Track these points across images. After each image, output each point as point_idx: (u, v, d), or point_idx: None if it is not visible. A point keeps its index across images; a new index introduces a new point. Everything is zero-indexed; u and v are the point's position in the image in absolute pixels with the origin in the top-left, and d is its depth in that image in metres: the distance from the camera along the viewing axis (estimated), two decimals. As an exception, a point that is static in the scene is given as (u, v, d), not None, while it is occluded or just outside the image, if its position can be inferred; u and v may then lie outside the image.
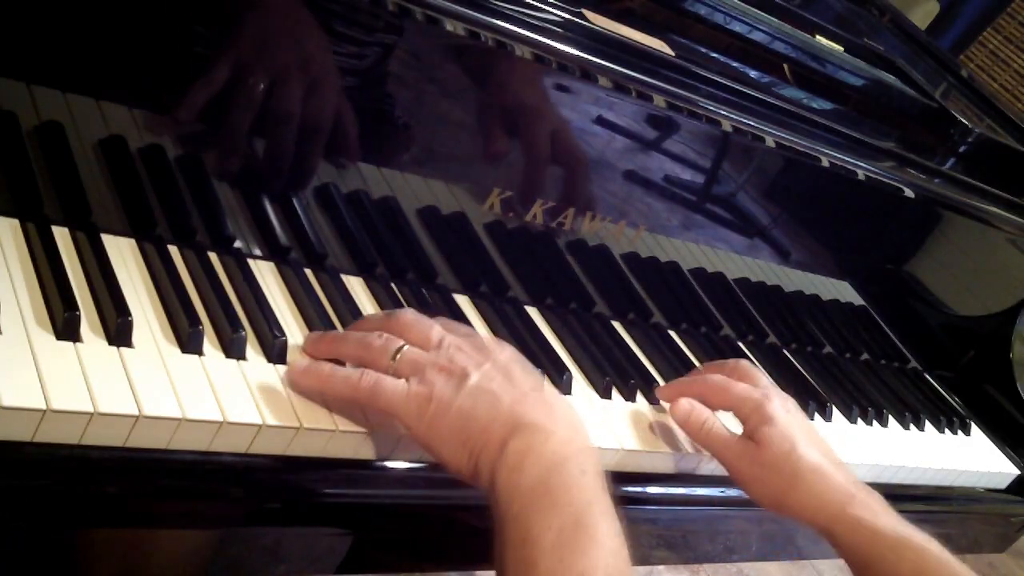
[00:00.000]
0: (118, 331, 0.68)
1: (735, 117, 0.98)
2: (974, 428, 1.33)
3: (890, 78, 1.35)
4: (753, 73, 1.14)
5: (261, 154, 0.79)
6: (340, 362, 0.75)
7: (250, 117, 0.77)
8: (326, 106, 0.79)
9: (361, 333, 0.75)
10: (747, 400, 0.89)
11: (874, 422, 1.18)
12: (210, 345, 0.72)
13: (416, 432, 0.70)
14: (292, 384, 0.72)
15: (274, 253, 0.85)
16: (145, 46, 0.72)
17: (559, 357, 0.94)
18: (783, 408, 0.88)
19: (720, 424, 0.88)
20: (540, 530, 0.64)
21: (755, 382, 0.92)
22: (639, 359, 1.03)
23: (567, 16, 0.89)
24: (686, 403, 0.89)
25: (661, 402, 0.96)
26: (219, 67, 0.73)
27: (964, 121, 1.33)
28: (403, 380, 0.70)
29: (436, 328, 0.75)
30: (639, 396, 0.96)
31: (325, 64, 0.78)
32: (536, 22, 0.85)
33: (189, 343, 0.71)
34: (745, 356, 1.16)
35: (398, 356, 0.72)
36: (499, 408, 0.69)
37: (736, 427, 0.90)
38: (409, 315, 0.76)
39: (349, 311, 0.84)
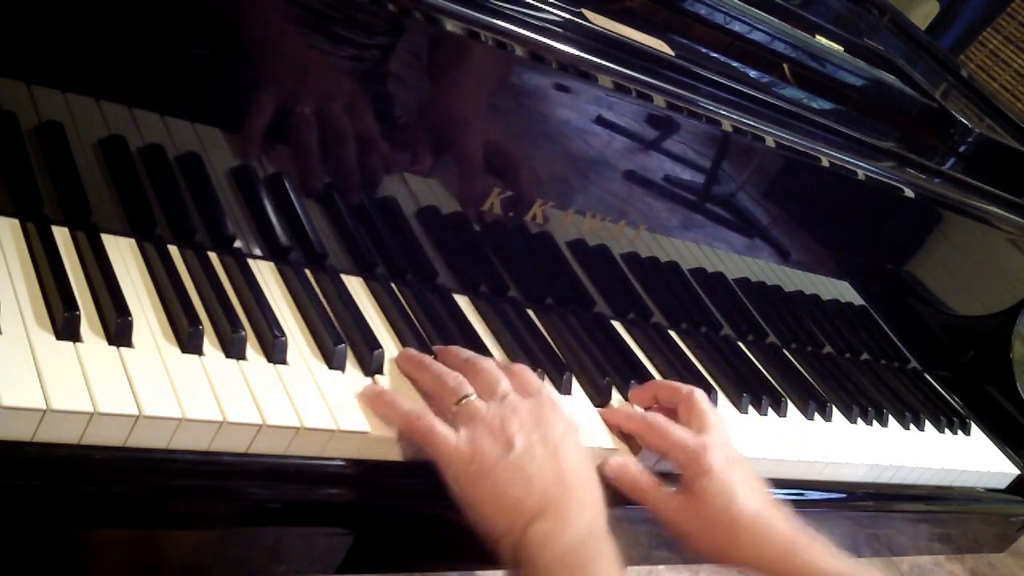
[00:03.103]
0: (118, 331, 0.68)
1: (735, 117, 0.98)
2: (974, 428, 1.33)
3: (890, 78, 1.35)
4: (753, 73, 1.14)
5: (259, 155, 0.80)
6: None
7: (243, 118, 0.77)
8: (344, 113, 0.81)
9: (441, 369, 0.80)
10: (684, 449, 0.86)
11: (874, 422, 1.18)
12: (210, 345, 0.72)
13: (452, 486, 0.73)
14: (362, 399, 0.76)
15: (274, 253, 0.85)
16: (145, 46, 0.72)
17: (559, 357, 0.94)
18: (720, 458, 0.85)
19: (654, 481, 0.86)
20: None
21: (702, 421, 0.89)
22: (639, 359, 1.03)
23: (567, 16, 0.89)
24: (616, 463, 0.86)
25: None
26: (211, 68, 0.73)
27: (964, 121, 1.33)
28: (453, 433, 0.74)
29: (504, 382, 0.79)
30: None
31: (331, 66, 0.78)
32: (536, 22, 0.85)
33: (189, 343, 0.71)
34: (745, 356, 1.16)
35: (463, 402, 0.76)
36: (528, 493, 0.73)
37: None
38: (484, 363, 0.81)
39: (349, 311, 0.84)
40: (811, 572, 0.82)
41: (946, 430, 1.28)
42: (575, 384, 0.92)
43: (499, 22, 0.82)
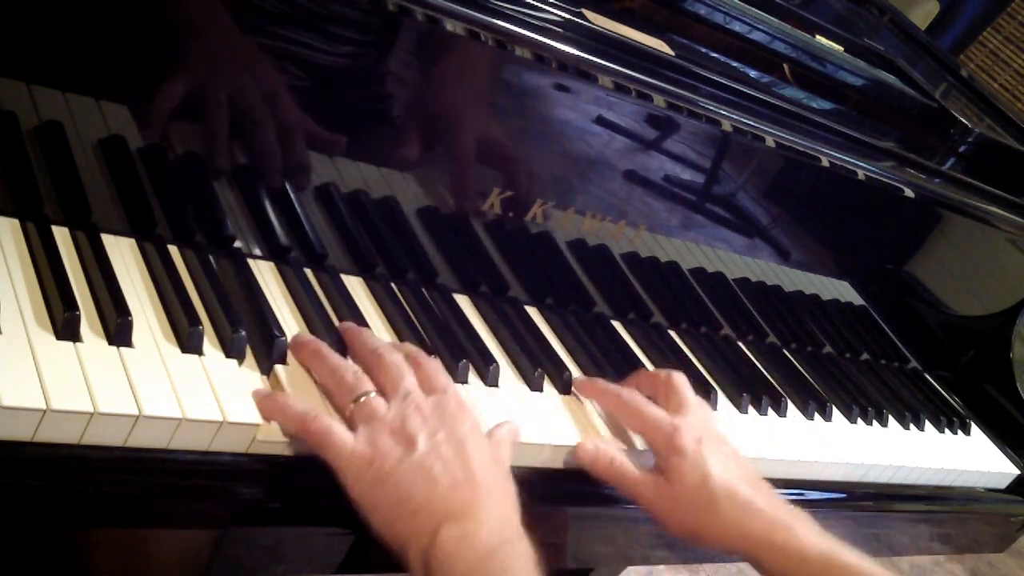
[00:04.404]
0: (118, 331, 0.68)
1: (735, 117, 0.98)
2: (974, 428, 1.33)
3: (890, 78, 1.35)
4: (753, 73, 1.14)
5: (259, 155, 0.80)
6: None
7: (243, 119, 0.77)
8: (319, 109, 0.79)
9: (338, 362, 0.74)
10: (658, 429, 0.84)
11: (874, 422, 1.18)
12: (210, 345, 0.72)
13: (351, 492, 0.69)
14: (256, 406, 0.70)
15: (274, 253, 0.85)
16: (145, 46, 0.71)
17: (559, 357, 0.94)
18: (694, 437, 0.84)
19: (628, 463, 0.84)
20: None
21: (679, 402, 0.88)
22: (639, 359, 1.03)
23: (567, 16, 0.89)
24: (589, 446, 0.84)
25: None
26: (211, 68, 0.73)
27: (964, 121, 1.33)
28: (351, 436, 0.69)
29: (408, 379, 0.74)
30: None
31: (315, 66, 0.78)
32: (536, 22, 0.85)
33: (189, 343, 0.71)
34: (745, 356, 1.16)
35: (361, 400, 0.72)
36: (434, 494, 0.68)
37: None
38: (391, 357, 0.75)
39: (349, 311, 0.84)
40: (792, 549, 0.80)
41: (946, 430, 1.28)
42: (575, 384, 0.92)
43: (499, 22, 0.82)
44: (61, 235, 0.74)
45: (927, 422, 1.26)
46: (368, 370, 0.75)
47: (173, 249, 0.79)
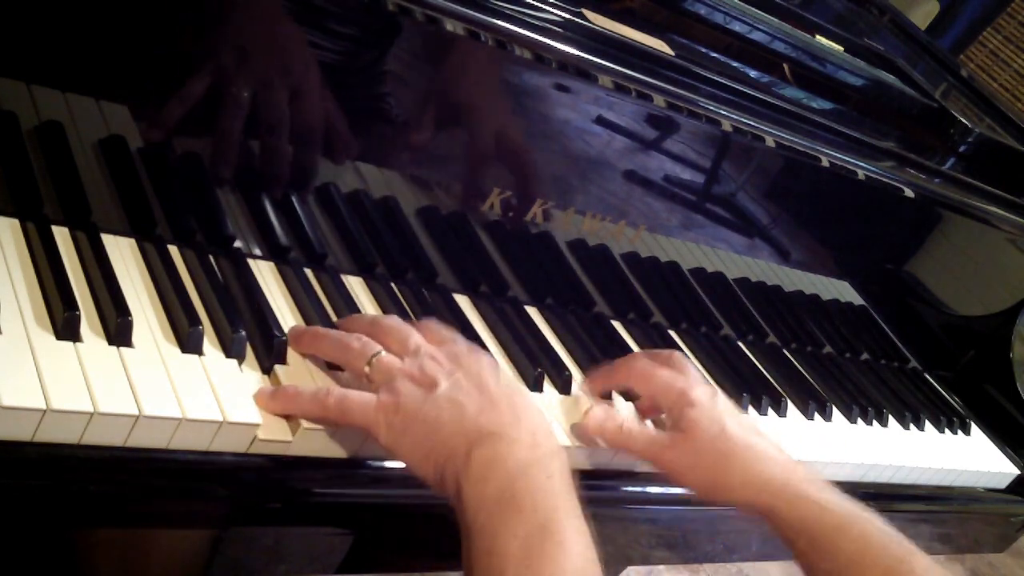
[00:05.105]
0: (118, 331, 0.68)
1: (735, 117, 0.98)
2: (974, 428, 1.33)
3: (890, 78, 1.35)
4: (753, 73, 1.14)
5: (259, 155, 0.80)
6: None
7: (243, 118, 0.77)
8: (317, 108, 0.79)
9: (340, 333, 0.75)
10: (671, 388, 0.85)
11: (874, 422, 1.18)
12: (210, 345, 0.72)
13: (385, 442, 0.69)
14: (264, 408, 0.70)
15: (274, 253, 0.85)
16: (145, 46, 0.72)
17: (559, 357, 0.94)
18: (708, 393, 0.85)
19: (638, 422, 0.86)
20: (506, 539, 0.64)
21: (683, 369, 0.88)
22: (639, 359, 1.03)
23: (567, 16, 0.89)
24: (599, 411, 0.85)
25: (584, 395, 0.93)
26: (211, 68, 0.73)
27: (964, 121, 1.33)
28: (371, 394, 0.70)
29: (415, 336, 0.75)
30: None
31: (315, 66, 0.78)
32: (536, 22, 0.85)
33: (189, 343, 0.71)
34: (745, 356, 1.16)
35: (373, 361, 0.72)
36: (464, 418, 0.69)
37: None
38: (390, 321, 0.77)
39: (349, 311, 0.84)
40: (811, 500, 0.80)
41: (946, 430, 1.28)
42: (575, 384, 0.92)
43: (499, 22, 0.82)
44: (61, 235, 0.74)
45: (927, 422, 1.26)
46: (372, 338, 0.75)
47: (173, 249, 0.79)
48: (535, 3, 0.87)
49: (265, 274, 0.84)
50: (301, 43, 0.76)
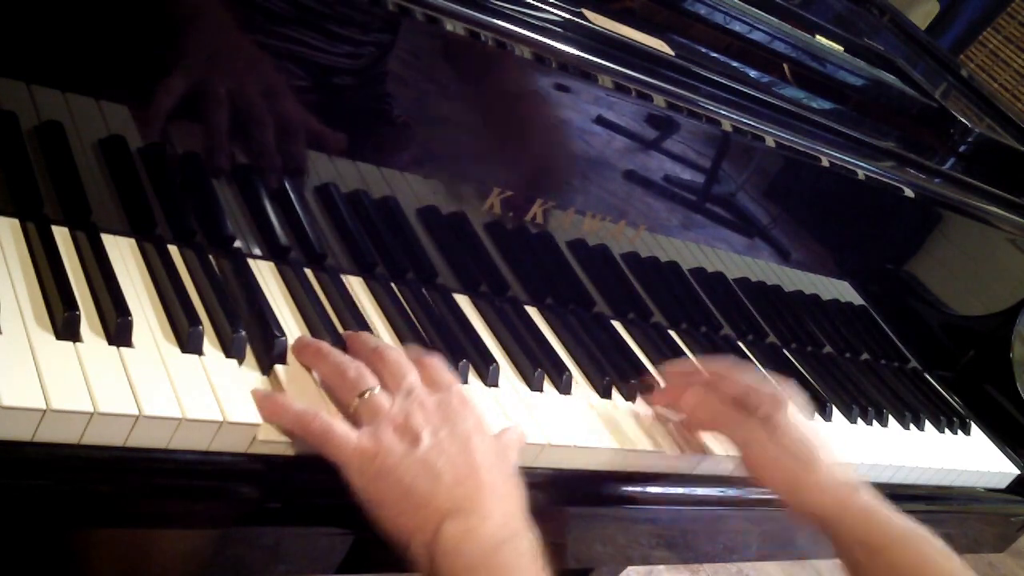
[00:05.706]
0: (118, 331, 0.68)
1: (735, 117, 0.98)
2: (974, 428, 1.33)
3: (890, 78, 1.35)
4: (753, 73, 1.14)
5: (258, 155, 0.80)
6: None
7: (242, 118, 0.77)
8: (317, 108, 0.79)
9: (341, 359, 0.74)
10: (759, 388, 0.90)
11: (874, 422, 1.18)
12: (210, 345, 0.72)
13: (354, 484, 0.68)
14: (256, 404, 0.70)
15: (274, 253, 0.85)
16: (145, 46, 0.72)
17: (559, 357, 0.94)
18: (789, 400, 0.91)
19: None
20: None
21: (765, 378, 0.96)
22: (639, 359, 1.03)
23: (567, 16, 0.89)
24: (690, 397, 0.92)
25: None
26: (211, 68, 0.73)
27: (964, 121, 1.33)
28: (354, 432, 0.69)
29: (411, 376, 0.74)
30: (639, 396, 0.96)
31: (314, 66, 0.78)
32: (536, 22, 0.85)
33: (189, 343, 0.71)
34: (745, 356, 1.16)
35: (365, 395, 0.72)
36: (437, 490, 0.68)
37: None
38: (392, 354, 0.76)
39: (349, 311, 0.84)
40: (879, 513, 0.84)
41: (946, 430, 1.28)
42: (575, 385, 0.92)
43: (499, 22, 0.82)
44: (61, 235, 0.74)
45: (927, 422, 1.26)
46: (371, 368, 0.74)
47: (173, 249, 0.79)
48: (535, 3, 0.87)
49: (265, 274, 0.84)
50: (300, 43, 0.76)
